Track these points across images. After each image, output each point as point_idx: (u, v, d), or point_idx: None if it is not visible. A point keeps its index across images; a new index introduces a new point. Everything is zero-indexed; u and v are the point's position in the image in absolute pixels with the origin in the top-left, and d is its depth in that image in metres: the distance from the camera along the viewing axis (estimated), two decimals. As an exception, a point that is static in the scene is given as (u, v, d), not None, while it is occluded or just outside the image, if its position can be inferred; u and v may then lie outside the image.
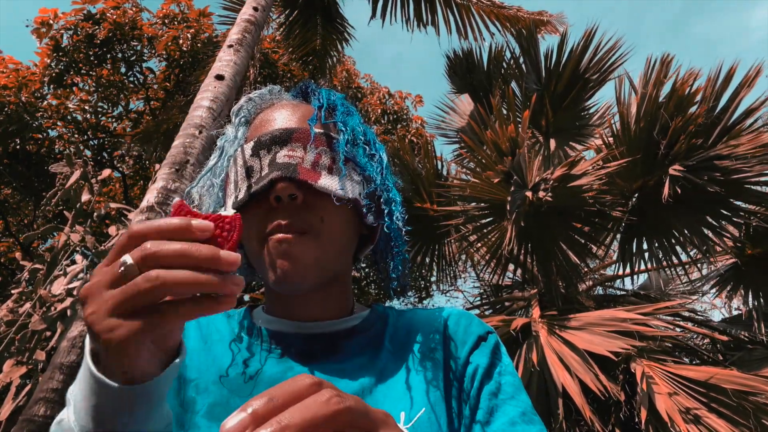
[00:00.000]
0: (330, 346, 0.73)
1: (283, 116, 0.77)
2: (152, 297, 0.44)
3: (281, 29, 7.99)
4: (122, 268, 0.44)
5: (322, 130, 0.74)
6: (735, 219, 3.78)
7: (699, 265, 4.36)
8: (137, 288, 0.43)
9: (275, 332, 0.75)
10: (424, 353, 0.73)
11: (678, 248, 3.95)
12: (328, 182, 0.70)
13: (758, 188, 3.61)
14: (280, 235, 0.67)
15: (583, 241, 3.99)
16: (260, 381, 0.68)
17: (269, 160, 0.71)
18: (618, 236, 4.19)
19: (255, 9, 4.37)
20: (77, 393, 0.51)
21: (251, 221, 0.70)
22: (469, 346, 0.74)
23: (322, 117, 0.76)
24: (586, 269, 4.43)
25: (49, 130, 8.64)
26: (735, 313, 4.66)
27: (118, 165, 9.66)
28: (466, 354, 0.73)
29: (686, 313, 4.35)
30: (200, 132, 3.23)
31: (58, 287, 3.37)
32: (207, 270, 0.45)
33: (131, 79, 9.25)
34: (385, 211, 0.77)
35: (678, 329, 3.74)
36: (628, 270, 4.30)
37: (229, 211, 0.49)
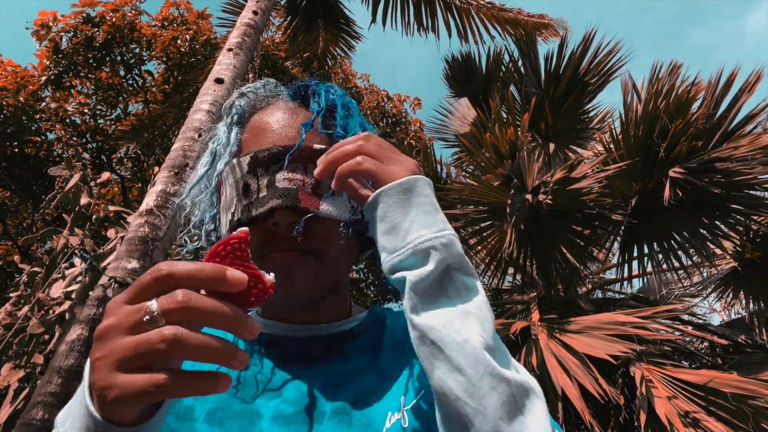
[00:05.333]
0: (328, 349, 0.72)
1: (280, 125, 0.74)
2: (166, 358, 0.41)
3: (283, 32, 8.00)
4: (147, 317, 0.41)
5: (322, 146, 0.71)
6: (732, 221, 3.79)
7: (700, 268, 4.36)
8: (151, 346, 0.40)
9: (272, 335, 0.73)
10: None
11: (679, 252, 3.95)
12: (329, 208, 0.68)
13: (757, 193, 3.62)
14: (281, 255, 0.66)
15: (582, 244, 3.99)
16: (260, 384, 0.67)
17: (267, 181, 0.68)
18: (618, 239, 4.19)
19: (255, 13, 4.38)
20: (69, 427, 0.49)
21: (250, 237, 0.69)
22: None
23: (320, 125, 0.74)
24: (585, 272, 4.43)
25: (48, 133, 8.63)
26: (734, 316, 4.67)
27: (117, 168, 9.65)
28: None
29: (685, 317, 4.35)
30: (199, 135, 3.23)
31: (57, 290, 3.36)
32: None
33: (130, 81, 9.26)
34: None
35: (677, 333, 3.74)
36: (627, 273, 4.30)
37: (269, 277, 0.47)
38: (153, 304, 0.42)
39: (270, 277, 0.47)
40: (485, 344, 0.53)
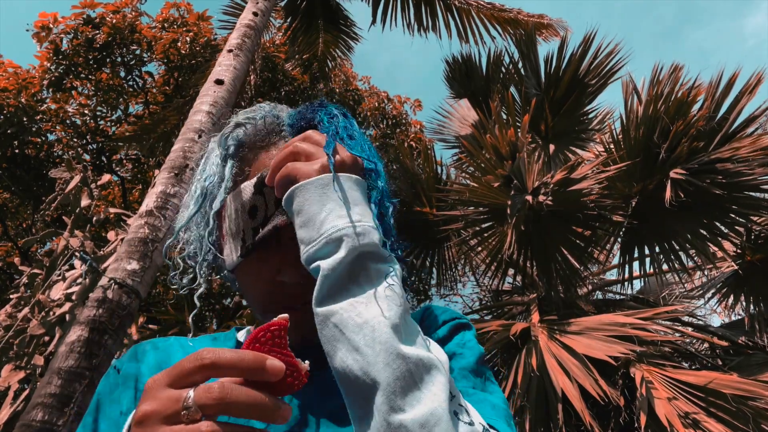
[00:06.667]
0: (320, 358, 0.72)
1: None
2: None
3: (283, 34, 7.99)
4: (184, 411, 0.43)
5: None
6: (732, 223, 3.78)
7: (702, 269, 4.36)
8: None
9: None
10: None
11: (680, 253, 3.95)
12: None
13: (758, 194, 3.62)
14: (288, 309, 0.67)
15: (583, 245, 3.99)
16: None
17: (275, 199, 0.69)
18: (618, 240, 4.19)
19: (255, 14, 4.39)
20: None
21: (256, 281, 0.70)
22: (432, 332, 0.75)
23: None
24: (586, 273, 4.43)
25: (48, 134, 8.64)
26: (734, 318, 4.66)
27: (117, 169, 9.66)
28: (443, 334, 0.74)
29: (686, 318, 4.34)
30: (199, 136, 3.24)
31: (57, 292, 3.37)
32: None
33: (130, 83, 9.27)
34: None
35: (677, 334, 3.73)
36: (627, 274, 4.30)
37: (304, 365, 0.49)
38: (190, 397, 0.43)
39: (305, 365, 0.49)
40: (388, 324, 0.54)
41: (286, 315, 0.50)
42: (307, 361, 0.49)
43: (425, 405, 0.51)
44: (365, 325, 0.54)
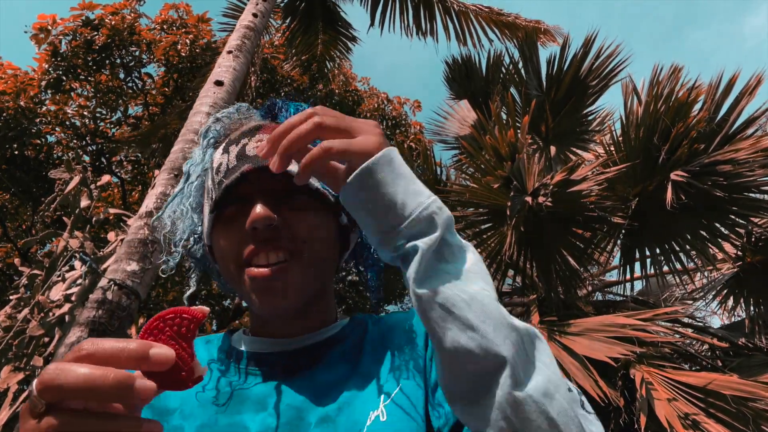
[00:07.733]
0: (312, 358, 0.73)
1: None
2: None
3: (282, 35, 7.99)
4: (30, 401, 0.40)
5: None
6: (733, 224, 3.78)
7: (701, 271, 4.36)
8: None
9: (257, 353, 0.74)
10: (398, 350, 0.72)
11: (680, 254, 3.95)
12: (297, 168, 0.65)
13: (758, 196, 3.62)
14: (260, 269, 0.67)
15: (582, 247, 3.99)
16: (246, 398, 0.68)
17: (237, 153, 0.70)
18: (618, 241, 4.19)
19: (254, 15, 4.39)
20: None
21: (228, 240, 0.70)
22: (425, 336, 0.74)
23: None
24: (586, 275, 4.43)
25: (48, 136, 8.63)
26: (734, 319, 4.66)
27: (117, 170, 9.65)
28: (423, 343, 0.73)
29: (685, 320, 4.34)
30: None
31: (57, 293, 3.36)
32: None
33: (130, 84, 9.26)
34: None
35: (677, 335, 3.73)
36: (627, 275, 4.30)
37: (200, 369, 0.45)
38: (33, 385, 0.40)
39: (203, 368, 0.45)
40: (493, 297, 0.54)
41: (206, 309, 0.45)
42: (204, 366, 0.45)
43: (541, 374, 0.52)
44: (473, 301, 0.52)
